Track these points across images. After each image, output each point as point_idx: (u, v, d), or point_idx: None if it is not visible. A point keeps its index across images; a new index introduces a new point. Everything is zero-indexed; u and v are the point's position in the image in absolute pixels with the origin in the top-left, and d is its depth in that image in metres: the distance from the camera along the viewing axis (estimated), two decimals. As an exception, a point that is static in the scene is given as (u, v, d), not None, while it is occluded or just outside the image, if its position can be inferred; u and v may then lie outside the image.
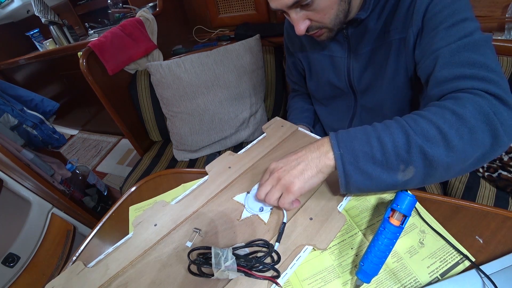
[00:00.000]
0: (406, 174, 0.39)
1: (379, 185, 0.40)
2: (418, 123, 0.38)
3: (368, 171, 0.39)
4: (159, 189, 0.63)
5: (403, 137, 0.38)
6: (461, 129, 0.37)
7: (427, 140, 0.37)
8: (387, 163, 0.38)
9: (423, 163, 0.37)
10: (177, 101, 1.04)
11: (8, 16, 1.93)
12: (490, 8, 0.86)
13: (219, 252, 0.40)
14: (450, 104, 0.39)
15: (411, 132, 0.38)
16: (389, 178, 0.39)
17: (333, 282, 0.41)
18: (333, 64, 0.67)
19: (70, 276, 0.46)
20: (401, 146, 0.37)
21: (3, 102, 1.09)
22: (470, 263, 0.39)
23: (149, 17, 1.17)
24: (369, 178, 0.39)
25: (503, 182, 0.77)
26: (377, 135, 0.39)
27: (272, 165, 0.47)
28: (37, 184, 1.02)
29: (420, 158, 0.37)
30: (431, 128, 0.37)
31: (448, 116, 0.38)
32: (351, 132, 0.42)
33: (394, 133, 0.38)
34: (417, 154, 0.37)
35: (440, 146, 0.37)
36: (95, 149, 2.30)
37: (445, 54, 0.44)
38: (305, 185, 0.42)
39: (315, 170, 0.42)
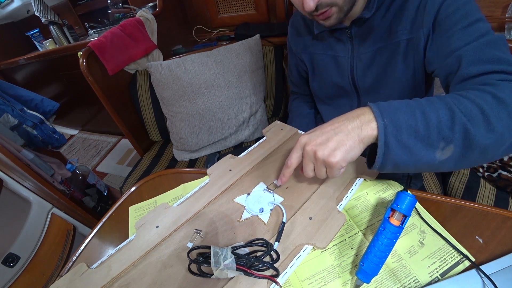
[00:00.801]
0: (445, 153, 0.37)
1: (415, 162, 0.38)
2: (461, 102, 0.38)
3: (409, 145, 0.37)
4: (159, 189, 0.63)
5: (448, 113, 0.37)
6: (501, 112, 0.37)
7: (470, 119, 0.36)
8: (429, 139, 0.37)
9: (463, 143, 0.37)
10: (177, 101, 1.04)
11: (8, 16, 1.93)
12: (490, 8, 0.86)
13: (218, 251, 0.40)
14: (491, 89, 0.39)
15: (456, 109, 0.37)
16: (427, 155, 0.37)
17: (333, 282, 0.41)
18: (336, 64, 0.66)
19: (73, 277, 0.46)
20: (445, 122, 0.36)
21: (3, 102, 1.09)
22: (470, 263, 0.39)
23: (149, 17, 1.17)
24: (409, 153, 0.37)
25: (503, 182, 0.77)
26: (421, 108, 0.38)
27: (303, 139, 0.43)
28: (37, 184, 1.02)
29: (462, 137, 0.36)
30: (474, 108, 0.37)
31: (489, 98, 0.38)
32: (394, 103, 0.39)
33: (439, 108, 0.37)
34: (460, 132, 0.36)
35: (481, 126, 0.36)
36: (95, 149, 2.30)
37: (469, 52, 0.44)
38: (347, 156, 0.39)
39: (357, 139, 0.39)
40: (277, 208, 0.50)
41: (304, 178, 0.55)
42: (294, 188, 0.53)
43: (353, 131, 0.39)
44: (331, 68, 0.68)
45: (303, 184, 0.54)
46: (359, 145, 0.39)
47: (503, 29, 0.85)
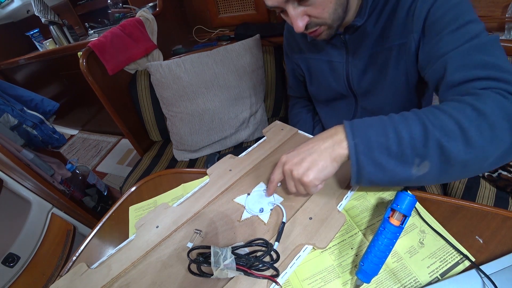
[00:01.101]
0: (421, 169, 0.37)
1: (392, 178, 0.38)
2: (436, 116, 0.37)
3: (382, 162, 0.37)
4: (159, 189, 0.63)
5: (421, 130, 0.36)
6: (481, 125, 0.35)
7: (445, 134, 0.35)
8: (402, 156, 0.37)
9: (439, 158, 0.36)
10: (177, 101, 1.04)
11: (8, 16, 1.93)
12: (490, 8, 0.86)
13: (218, 251, 0.40)
14: (471, 100, 0.37)
15: (430, 125, 0.36)
16: (403, 171, 0.37)
17: (333, 282, 0.41)
18: (332, 69, 0.67)
19: (73, 277, 0.46)
20: (418, 138, 0.36)
21: (3, 102, 1.09)
22: (470, 263, 0.39)
23: (149, 17, 1.17)
24: (382, 170, 0.38)
25: (503, 182, 0.77)
26: (394, 125, 0.38)
27: (283, 158, 0.46)
28: (37, 184, 1.02)
29: (437, 152, 0.36)
30: (450, 122, 0.36)
31: (468, 111, 0.36)
32: (367, 121, 0.40)
33: (411, 125, 0.37)
34: (434, 148, 0.35)
35: (458, 141, 0.35)
36: (95, 149, 2.30)
37: (456, 58, 0.43)
38: (320, 175, 0.41)
39: (329, 159, 0.40)
40: (277, 208, 0.50)
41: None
42: (294, 188, 0.53)
43: (325, 151, 0.40)
44: (327, 73, 0.68)
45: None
46: (332, 164, 0.40)
47: (503, 29, 0.85)
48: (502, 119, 0.35)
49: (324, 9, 0.49)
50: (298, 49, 0.73)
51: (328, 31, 0.54)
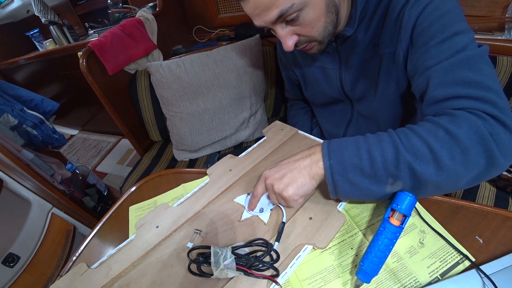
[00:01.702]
0: (395, 187, 0.39)
1: (367, 195, 0.41)
2: (409, 139, 0.38)
3: (356, 182, 0.40)
4: (159, 189, 0.63)
5: (393, 152, 0.38)
6: (453, 149, 0.36)
7: (416, 157, 0.37)
8: (375, 176, 0.39)
9: (411, 179, 0.38)
10: (177, 101, 1.04)
11: (8, 16, 1.93)
12: (490, 8, 0.86)
13: (218, 251, 0.40)
14: (445, 122, 0.37)
15: (401, 147, 0.37)
16: (377, 189, 0.40)
17: (333, 282, 0.41)
18: (325, 75, 0.67)
19: (73, 277, 0.46)
20: (390, 160, 0.38)
21: (3, 102, 1.09)
22: (470, 263, 0.39)
23: (149, 17, 1.17)
24: (357, 188, 0.40)
25: (503, 182, 0.77)
26: (367, 147, 0.39)
27: (265, 173, 0.47)
28: (37, 184, 1.02)
29: (408, 174, 0.37)
30: (422, 145, 0.37)
31: (441, 134, 0.37)
32: (343, 142, 0.42)
33: (384, 147, 0.38)
34: (405, 170, 0.37)
35: (430, 164, 0.36)
36: (95, 149, 2.30)
37: (438, 73, 0.42)
38: (298, 191, 0.43)
39: (308, 177, 0.43)
40: (277, 208, 0.50)
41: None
42: (294, 188, 0.53)
43: (304, 169, 0.43)
44: (321, 79, 0.68)
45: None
46: (310, 181, 0.43)
47: (503, 29, 0.85)
48: (476, 142, 0.36)
49: (313, 28, 0.49)
50: (292, 57, 0.73)
51: (319, 46, 0.54)
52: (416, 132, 0.38)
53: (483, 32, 0.87)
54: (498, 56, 0.77)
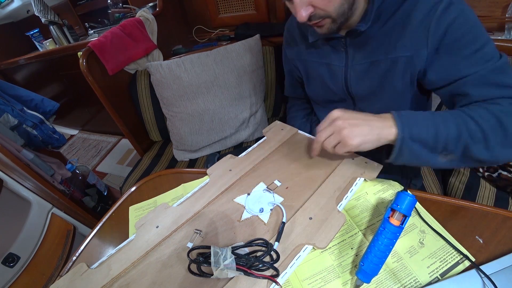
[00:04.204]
0: (447, 158, 0.46)
1: (421, 162, 0.47)
2: (468, 123, 0.44)
3: (417, 152, 0.45)
4: (159, 189, 0.63)
5: (456, 133, 0.44)
6: (500, 135, 0.44)
7: (472, 139, 0.44)
8: (435, 148, 0.45)
9: (462, 154, 0.45)
10: (177, 101, 1.04)
11: (8, 16, 1.93)
12: (490, 8, 0.86)
13: (218, 251, 0.40)
14: (497, 111, 0.45)
15: (464, 130, 0.44)
16: (432, 159, 0.46)
17: (333, 282, 0.41)
18: (330, 72, 0.66)
19: (73, 277, 0.46)
20: (451, 140, 0.44)
21: (3, 102, 1.09)
22: (470, 263, 0.39)
23: (149, 17, 1.17)
24: (417, 157, 0.46)
25: (503, 182, 0.77)
26: (435, 125, 0.45)
27: (336, 113, 0.48)
28: (37, 184, 1.02)
29: (462, 150, 0.44)
30: (478, 130, 0.44)
31: (492, 121, 0.44)
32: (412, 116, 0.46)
33: (449, 127, 0.44)
34: (461, 148, 0.44)
35: (481, 146, 0.44)
36: (95, 149, 2.30)
37: (477, 79, 0.48)
38: (363, 145, 0.46)
39: (376, 136, 0.46)
40: (277, 208, 0.50)
41: (304, 177, 0.55)
42: (294, 188, 0.53)
43: (377, 129, 0.46)
44: (325, 76, 0.68)
45: (303, 184, 0.54)
46: (376, 141, 0.46)
47: (503, 29, 0.85)
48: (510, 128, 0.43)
49: (330, 1, 0.49)
50: (297, 51, 0.73)
51: (331, 25, 0.53)
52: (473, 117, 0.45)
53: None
54: (498, 56, 0.77)
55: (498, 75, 0.47)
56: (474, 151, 0.44)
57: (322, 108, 0.80)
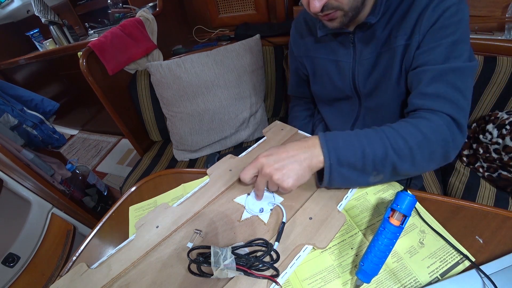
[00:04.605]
0: (376, 178, 0.47)
1: (352, 184, 0.49)
2: (396, 141, 0.46)
3: (348, 176, 0.46)
4: (159, 189, 0.63)
5: (383, 153, 0.45)
6: (425, 151, 0.46)
7: (399, 157, 0.45)
8: (364, 170, 0.46)
9: (391, 173, 0.46)
10: (177, 101, 1.04)
11: (8, 16, 1.93)
12: (490, 8, 0.86)
13: (218, 251, 0.40)
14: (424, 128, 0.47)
15: (390, 149, 0.45)
16: (362, 180, 0.47)
17: (333, 282, 0.41)
18: (338, 69, 0.66)
19: (73, 277, 0.46)
20: (379, 159, 0.45)
21: (3, 102, 1.09)
22: (470, 263, 0.39)
23: (149, 17, 1.17)
24: (347, 181, 0.47)
25: (503, 182, 0.77)
26: (362, 147, 0.45)
27: (261, 160, 0.47)
28: (37, 184, 1.02)
29: (390, 169, 0.46)
30: (405, 147, 0.45)
31: (420, 138, 0.46)
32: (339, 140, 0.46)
33: (376, 148, 0.45)
34: (389, 167, 0.46)
35: (407, 161, 0.45)
36: (95, 149, 2.30)
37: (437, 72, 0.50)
38: (298, 182, 0.46)
39: (307, 169, 0.46)
40: (277, 208, 0.50)
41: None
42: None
43: (304, 161, 0.46)
44: (333, 73, 0.68)
45: (303, 184, 0.54)
46: (308, 173, 0.46)
47: (503, 29, 0.85)
48: (441, 147, 0.46)
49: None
50: (304, 48, 0.73)
51: (343, 19, 0.53)
52: (401, 134, 0.46)
53: (483, 32, 0.87)
54: (498, 56, 0.77)
55: (456, 76, 0.49)
56: (400, 168, 0.45)
57: (327, 106, 0.80)
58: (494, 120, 0.79)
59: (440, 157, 0.47)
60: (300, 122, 0.87)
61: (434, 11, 0.50)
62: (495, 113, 0.80)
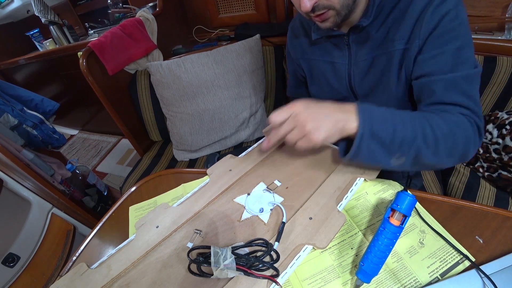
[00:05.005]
0: (397, 161, 0.47)
1: (374, 162, 0.48)
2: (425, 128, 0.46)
3: (374, 151, 0.45)
4: (159, 189, 0.63)
5: (412, 136, 0.45)
6: (449, 144, 0.46)
7: (425, 144, 0.45)
8: (389, 149, 0.45)
9: (413, 159, 0.46)
10: (177, 101, 1.04)
11: (8, 16, 1.93)
12: (490, 8, 0.86)
13: (218, 251, 0.40)
14: (451, 122, 0.47)
15: (419, 134, 0.46)
16: (384, 159, 0.46)
17: (333, 282, 0.41)
18: (334, 70, 0.67)
19: (73, 277, 0.46)
20: (406, 141, 0.45)
21: (3, 102, 1.09)
22: (470, 263, 0.39)
23: (149, 17, 1.17)
24: (372, 156, 0.46)
25: (503, 182, 0.77)
26: (394, 125, 0.45)
27: (298, 106, 0.47)
28: (37, 184, 1.02)
29: (413, 155, 0.46)
30: (432, 136, 0.46)
31: (446, 130, 0.46)
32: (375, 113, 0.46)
33: (407, 129, 0.45)
34: (413, 152, 0.46)
35: (431, 150, 0.46)
36: (95, 149, 2.30)
37: (448, 82, 0.50)
38: (326, 139, 0.46)
39: (339, 131, 0.46)
40: (277, 208, 0.50)
41: (304, 177, 0.55)
42: (294, 188, 0.53)
43: (339, 122, 0.46)
44: (329, 74, 0.68)
45: (303, 184, 0.54)
46: (338, 135, 0.46)
47: (503, 29, 0.85)
48: (462, 143, 0.47)
49: None
50: (301, 50, 0.73)
51: (335, 18, 0.53)
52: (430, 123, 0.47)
53: (483, 32, 0.87)
54: (498, 56, 0.77)
55: (467, 84, 0.49)
56: (423, 156, 0.46)
57: None
58: (494, 120, 0.79)
59: (460, 153, 0.48)
60: None
61: (433, 15, 0.49)
62: (495, 113, 0.80)
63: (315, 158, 0.59)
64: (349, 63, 0.63)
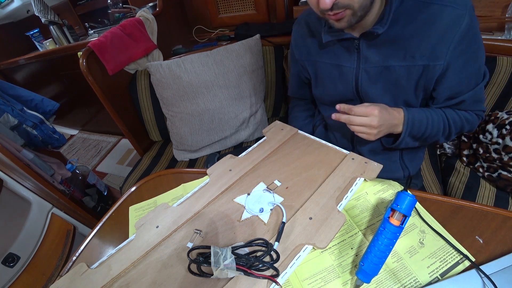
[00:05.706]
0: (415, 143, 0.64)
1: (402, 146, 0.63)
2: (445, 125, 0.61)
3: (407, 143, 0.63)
4: (159, 189, 0.63)
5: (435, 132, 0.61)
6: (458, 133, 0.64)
7: (443, 136, 0.63)
8: (417, 140, 0.63)
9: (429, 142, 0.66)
10: (177, 101, 1.04)
11: (8, 16, 1.92)
12: (490, 8, 0.86)
13: (218, 251, 0.40)
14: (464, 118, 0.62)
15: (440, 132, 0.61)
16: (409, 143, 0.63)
17: (333, 282, 0.41)
18: (340, 74, 0.66)
19: (74, 277, 0.46)
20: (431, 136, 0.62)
21: (3, 102, 1.09)
22: (470, 263, 0.39)
23: (149, 17, 1.17)
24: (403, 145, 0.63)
25: (503, 182, 0.77)
26: (425, 127, 0.60)
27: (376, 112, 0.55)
28: (37, 184, 1.02)
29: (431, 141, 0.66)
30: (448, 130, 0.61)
31: (459, 124, 0.62)
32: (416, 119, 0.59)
33: (434, 128, 0.60)
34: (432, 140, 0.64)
35: (443, 138, 0.64)
36: (95, 149, 2.30)
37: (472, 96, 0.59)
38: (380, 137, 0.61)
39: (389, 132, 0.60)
40: (277, 208, 0.50)
41: (304, 177, 0.55)
42: (294, 188, 0.53)
43: (391, 128, 0.59)
44: (335, 77, 0.67)
45: (303, 184, 0.54)
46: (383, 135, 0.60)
47: (503, 29, 0.85)
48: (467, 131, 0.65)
49: None
50: (306, 52, 0.72)
51: (351, 18, 0.52)
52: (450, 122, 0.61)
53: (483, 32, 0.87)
54: (498, 56, 0.77)
55: (482, 91, 0.61)
56: (437, 141, 0.64)
57: (329, 109, 0.80)
58: (494, 120, 0.79)
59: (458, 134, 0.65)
60: (301, 123, 0.87)
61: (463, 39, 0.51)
62: (495, 113, 0.80)
63: (315, 158, 0.59)
64: (357, 68, 0.62)
